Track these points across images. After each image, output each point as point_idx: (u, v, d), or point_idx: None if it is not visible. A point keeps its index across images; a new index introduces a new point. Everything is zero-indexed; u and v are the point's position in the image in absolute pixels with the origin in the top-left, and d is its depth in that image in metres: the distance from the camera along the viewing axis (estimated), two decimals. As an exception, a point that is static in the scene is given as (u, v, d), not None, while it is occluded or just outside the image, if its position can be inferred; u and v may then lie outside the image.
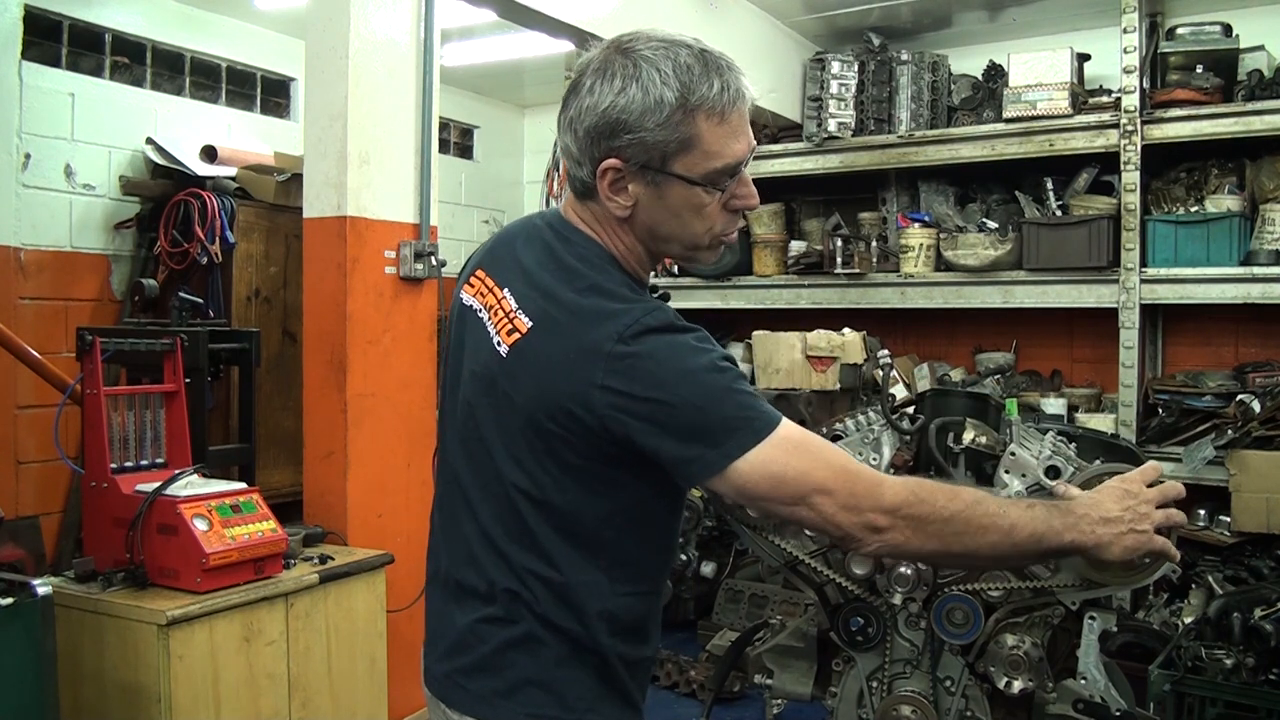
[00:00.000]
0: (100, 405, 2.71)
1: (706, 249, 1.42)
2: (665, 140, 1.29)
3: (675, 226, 1.37)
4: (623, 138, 1.30)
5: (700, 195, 1.34)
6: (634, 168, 1.32)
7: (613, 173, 1.32)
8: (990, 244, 4.58)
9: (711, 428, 1.28)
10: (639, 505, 1.40)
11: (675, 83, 1.29)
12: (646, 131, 1.29)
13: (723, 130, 1.32)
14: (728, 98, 1.31)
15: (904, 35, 5.11)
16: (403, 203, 3.43)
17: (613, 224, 1.39)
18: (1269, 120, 4.03)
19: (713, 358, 1.30)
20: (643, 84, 1.29)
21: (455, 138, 6.48)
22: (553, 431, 1.32)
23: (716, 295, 5.38)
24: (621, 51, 1.32)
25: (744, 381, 1.33)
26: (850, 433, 2.27)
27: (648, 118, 1.29)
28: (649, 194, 1.34)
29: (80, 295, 4.27)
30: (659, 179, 1.32)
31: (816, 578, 2.23)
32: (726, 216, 1.39)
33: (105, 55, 4.46)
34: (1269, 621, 3.01)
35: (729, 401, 1.29)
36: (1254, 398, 4.08)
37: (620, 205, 1.35)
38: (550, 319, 1.34)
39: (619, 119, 1.29)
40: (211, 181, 4.28)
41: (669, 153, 1.30)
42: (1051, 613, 2.09)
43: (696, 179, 1.32)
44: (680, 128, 1.29)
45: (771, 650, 2.35)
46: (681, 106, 1.29)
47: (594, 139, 1.32)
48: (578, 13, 3.67)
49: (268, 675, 2.73)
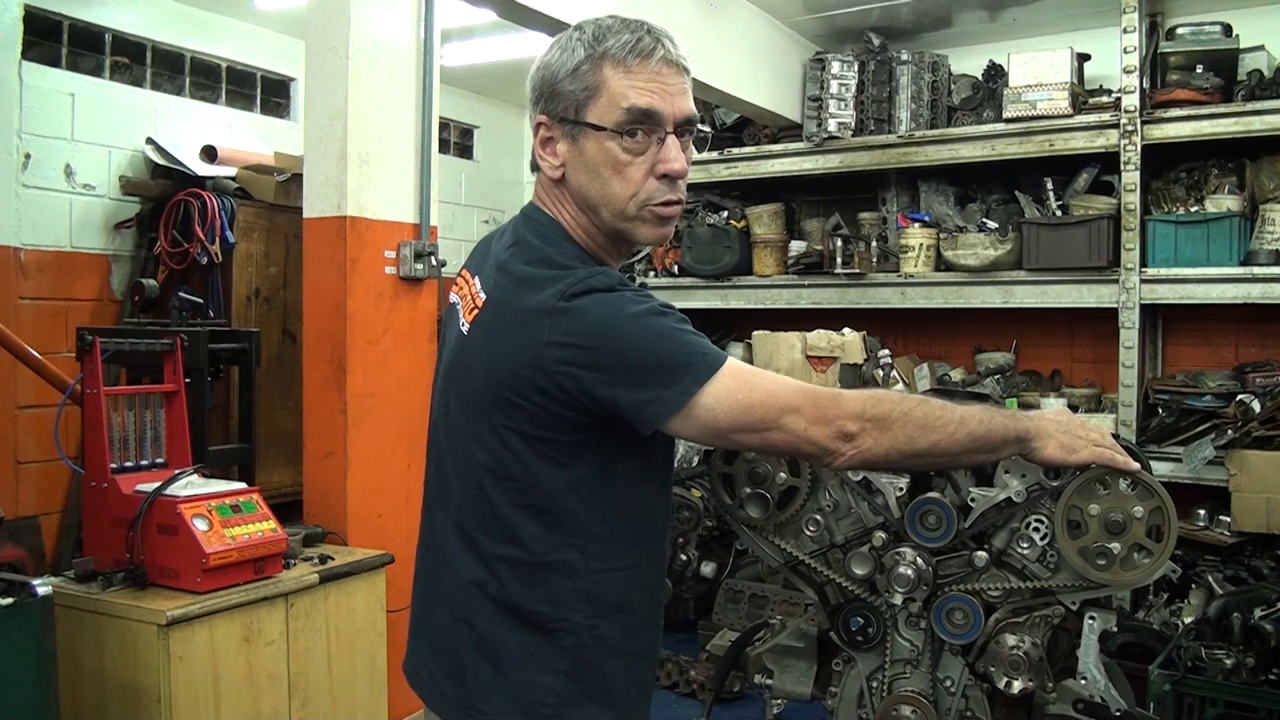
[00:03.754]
0: (100, 405, 2.71)
1: (636, 219, 1.40)
2: (575, 90, 1.37)
3: (597, 186, 1.39)
4: (547, 93, 1.40)
5: (614, 149, 1.37)
6: (555, 122, 1.39)
7: (542, 129, 1.41)
8: (990, 244, 4.58)
9: (664, 367, 1.30)
10: (603, 472, 1.38)
11: (588, 37, 1.38)
12: (561, 83, 1.38)
13: (629, 80, 1.36)
14: (638, 49, 1.36)
15: (904, 35, 5.11)
16: (403, 203, 3.43)
17: (556, 194, 1.45)
18: (1269, 120, 4.03)
19: (653, 304, 1.33)
20: (563, 44, 1.40)
21: (455, 138, 6.48)
22: (510, 401, 1.34)
23: (716, 295, 5.38)
24: (573, 26, 1.43)
25: (687, 325, 1.35)
26: (850, 433, 2.26)
27: (563, 70, 1.38)
28: (572, 151, 1.39)
29: (80, 295, 4.27)
30: (576, 131, 1.38)
31: (816, 578, 2.23)
32: (654, 184, 1.39)
33: (105, 55, 4.46)
34: (1269, 621, 3.00)
35: (676, 340, 1.32)
36: (1254, 398, 4.08)
37: (551, 165, 1.41)
38: (501, 289, 1.39)
39: (543, 78, 1.40)
40: (211, 181, 4.28)
41: (580, 101, 1.37)
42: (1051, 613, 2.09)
43: (606, 125, 1.36)
44: (587, 76, 1.37)
45: (771, 650, 2.35)
46: (589, 57, 1.37)
47: (534, 104, 1.43)
48: (578, 13, 3.67)
49: (268, 675, 2.73)
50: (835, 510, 2.22)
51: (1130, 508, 1.92)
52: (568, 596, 1.38)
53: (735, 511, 2.22)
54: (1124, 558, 1.92)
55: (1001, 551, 2.09)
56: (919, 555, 2.10)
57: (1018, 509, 2.07)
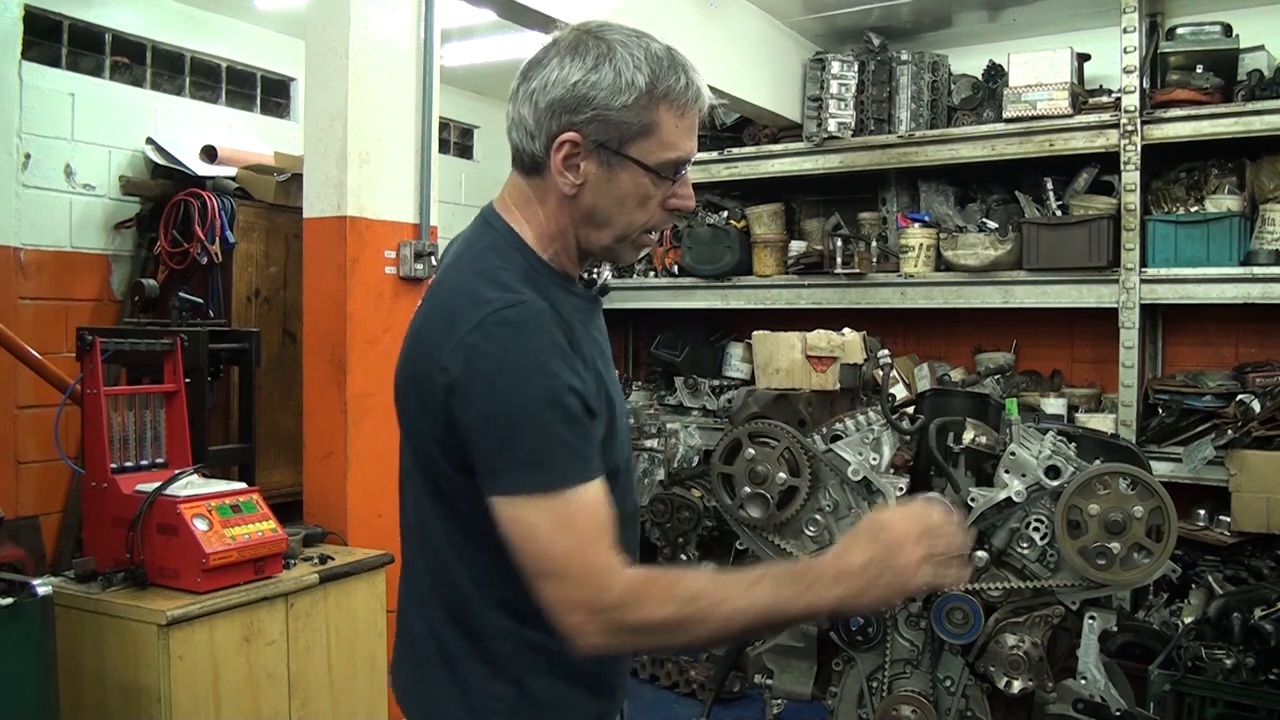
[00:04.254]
0: (100, 405, 2.71)
1: (631, 244, 1.42)
2: (628, 122, 1.32)
3: (617, 213, 1.37)
4: (586, 113, 1.32)
5: (649, 184, 1.36)
6: (591, 145, 1.33)
7: (569, 146, 1.33)
8: (990, 244, 4.58)
9: (506, 450, 1.24)
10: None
11: (647, 69, 1.32)
12: (613, 111, 1.31)
13: (682, 124, 1.35)
14: (690, 94, 1.35)
15: (904, 35, 5.11)
16: (403, 203, 3.43)
17: (552, 202, 1.39)
18: (1269, 120, 4.03)
19: (555, 385, 1.25)
20: (615, 65, 1.31)
21: (455, 138, 6.48)
22: (422, 405, 1.34)
23: (716, 295, 5.38)
24: (593, 34, 1.35)
25: (578, 426, 1.26)
26: (850, 432, 2.27)
27: (616, 97, 1.31)
28: (600, 174, 1.35)
29: (80, 295, 4.27)
30: (614, 160, 1.34)
31: (816, 578, 2.23)
32: (663, 214, 1.41)
33: (105, 55, 4.45)
34: (1269, 621, 3.01)
35: (538, 435, 1.24)
36: (1254, 398, 4.07)
37: (570, 182, 1.35)
38: (433, 299, 1.38)
39: (587, 94, 1.31)
40: (211, 181, 4.28)
41: (628, 136, 1.33)
42: (1051, 612, 2.09)
43: (650, 165, 1.35)
44: (645, 113, 1.32)
45: (772, 650, 2.35)
46: (650, 92, 1.32)
47: (555, 112, 1.33)
48: (578, 13, 3.67)
49: (268, 675, 2.73)
50: (835, 510, 2.22)
51: (1130, 508, 1.92)
52: (488, 605, 1.37)
53: (735, 512, 2.22)
54: (1124, 557, 1.93)
55: (1002, 551, 2.10)
56: (919, 555, 2.10)
57: (1018, 509, 2.07)
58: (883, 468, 2.22)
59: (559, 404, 1.25)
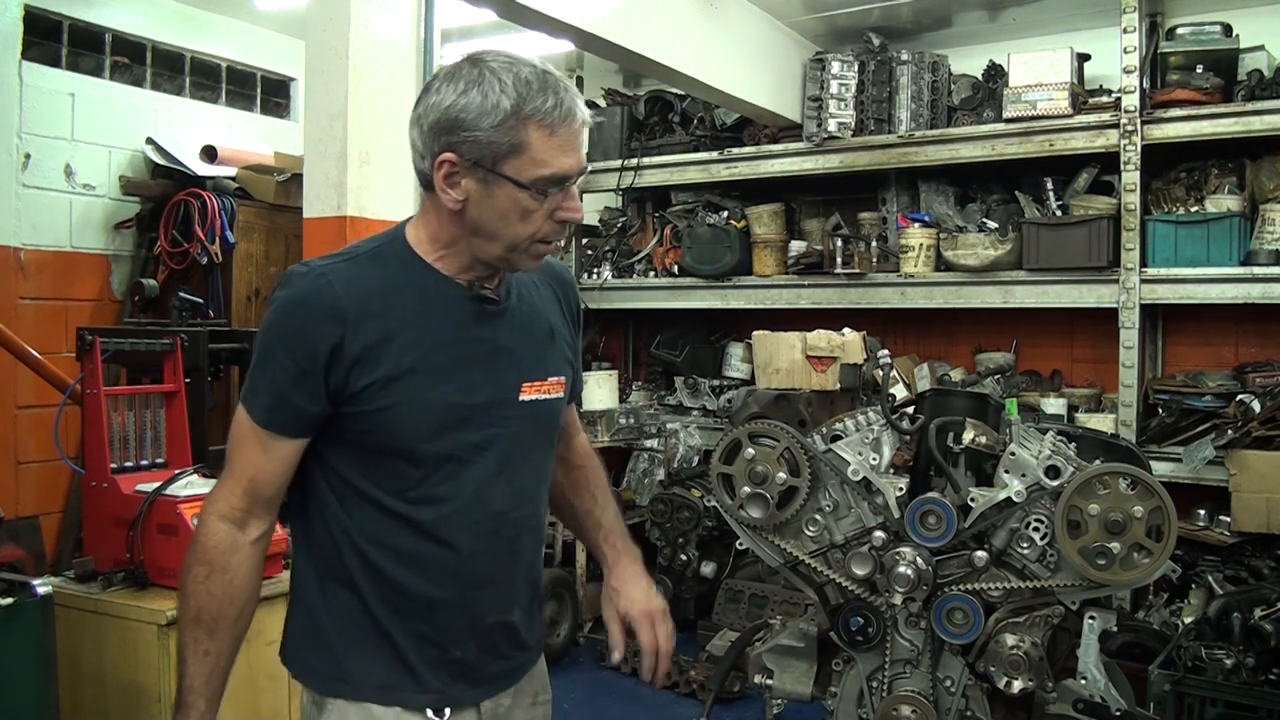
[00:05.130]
0: (100, 405, 2.71)
1: (525, 254, 1.51)
2: (497, 142, 1.41)
3: (500, 226, 1.47)
4: (459, 134, 1.42)
5: (526, 199, 1.45)
6: (467, 164, 1.43)
7: (448, 166, 1.44)
8: (990, 244, 4.58)
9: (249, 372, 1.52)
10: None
11: (513, 92, 1.41)
12: (481, 132, 1.41)
13: (552, 143, 1.43)
14: (559, 114, 1.43)
15: (904, 35, 5.11)
16: (403, 203, 3.43)
17: (443, 215, 1.50)
18: (1269, 120, 4.02)
19: (267, 322, 1.49)
20: (483, 89, 1.42)
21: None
22: None
23: (716, 295, 5.38)
24: (471, 61, 1.46)
25: (273, 358, 1.47)
26: (850, 432, 2.27)
27: (484, 119, 1.41)
28: (479, 191, 1.45)
29: (80, 295, 4.27)
30: (489, 178, 1.44)
31: (816, 578, 2.23)
32: (552, 226, 1.50)
33: (105, 55, 4.46)
34: (1269, 621, 3.01)
35: (255, 363, 1.50)
36: (1254, 398, 4.07)
37: (452, 199, 1.46)
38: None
39: (458, 117, 1.42)
40: (211, 181, 4.28)
41: (500, 154, 1.42)
42: (1051, 612, 2.09)
43: (524, 183, 1.43)
44: (513, 133, 1.41)
45: (771, 650, 2.34)
46: (515, 114, 1.41)
47: (435, 134, 1.44)
48: (578, 13, 3.67)
49: (267, 675, 2.72)
50: (835, 510, 2.22)
51: (1130, 508, 1.92)
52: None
53: (736, 512, 2.22)
54: (1124, 557, 1.92)
55: (1001, 551, 2.09)
56: (919, 555, 2.10)
57: (1017, 509, 2.07)
58: (883, 468, 2.21)
59: (266, 340, 1.48)
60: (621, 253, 5.80)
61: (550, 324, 1.67)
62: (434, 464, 1.50)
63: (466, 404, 1.52)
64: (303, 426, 1.48)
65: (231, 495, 1.49)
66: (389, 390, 1.46)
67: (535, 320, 1.64)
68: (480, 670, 1.59)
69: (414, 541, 1.51)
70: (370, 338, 1.45)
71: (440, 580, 1.53)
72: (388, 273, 1.51)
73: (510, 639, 1.63)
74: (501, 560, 1.59)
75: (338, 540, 1.52)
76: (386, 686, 1.53)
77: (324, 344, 1.44)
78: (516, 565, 1.62)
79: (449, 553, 1.53)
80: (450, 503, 1.52)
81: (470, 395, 1.52)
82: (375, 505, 1.51)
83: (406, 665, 1.53)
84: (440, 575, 1.53)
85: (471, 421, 1.52)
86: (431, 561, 1.52)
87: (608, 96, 5.88)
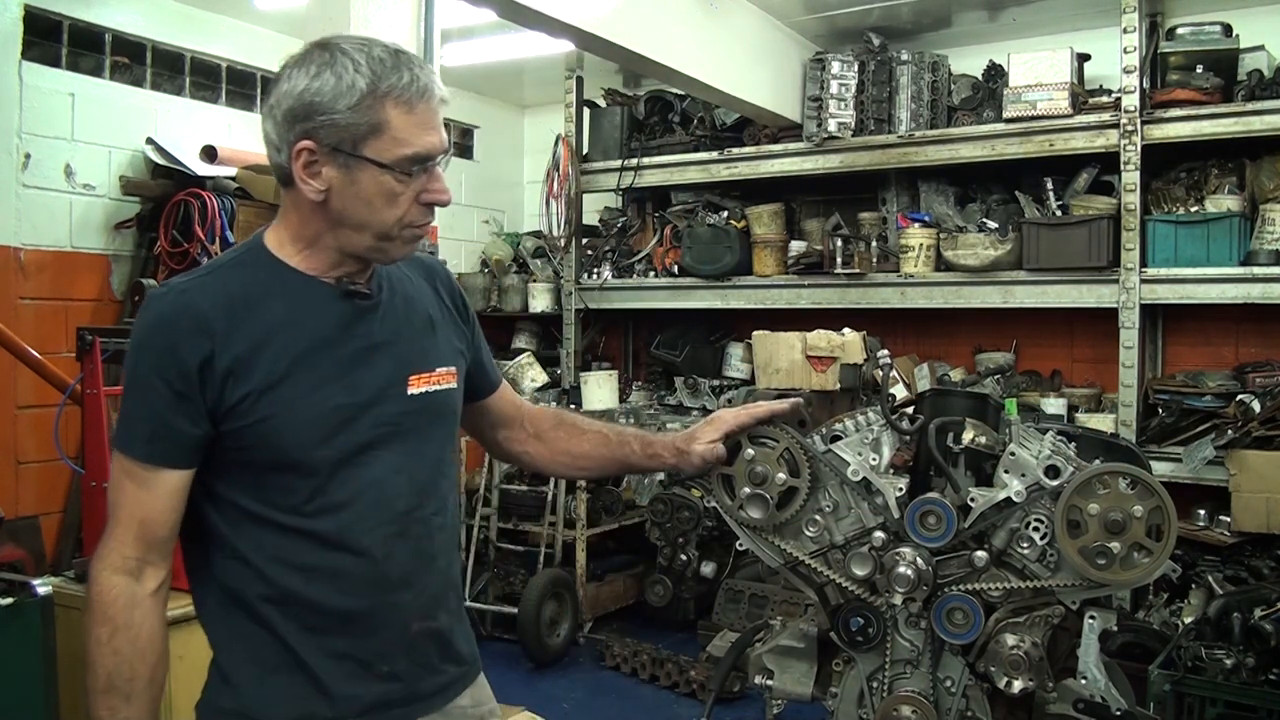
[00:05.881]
0: (100, 405, 2.71)
1: (397, 240, 1.46)
2: (356, 123, 1.37)
3: (367, 213, 1.42)
4: (316, 119, 1.37)
5: (391, 182, 1.40)
6: (326, 150, 1.39)
7: (306, 154, 1.39)
8: (990, 244, 4.58)
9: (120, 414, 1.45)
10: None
11: (367, 71, 1.37)
12: (338, 114, 1.37)
13: (411, 120, 1.39)
14: (416, 90, 1.39)
15: (904, 35, 5.11)
16: (403, 203, 3.43)
17: (305, 209, 1.45)
18: (1269, 120, 4.03)
19: (133, 351, 1.41)
20: (336, 70, 1.37)
21: (455, 138, 6.48)
22: None
23: (716, 295, 5.38)
24: (321, 46, 1.41)
25: (145, 386, 1.39)
26: (849, 433, 2.26)
27: (339, 100, 1.37)
28: (342, 178, 1.40)
29: (80, 295, 4.27)
30: (351, 163, 1.39)
31: (816, 578, 2.23)
32: (419, 209, 1.45)
33: (105, 55, 4.46)
34: (1269, 621, 3.01)
35: (125, 397, 1.42)
36: (1254, 398, 4.08)
37: (314, 189, 1.41)
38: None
39: (312, 101, 1.37)
40: (211, 181, 4.28)
41: (359, 136, 1.38)
42: (1051, 612, 2.09)
43: (387, 163, 1.39)
44: (370, 112, 1.37)
45: (772, 651, 2.34)
46: (372, 93, 1.37)
47: (290, 122, 1.39)
48: (578, 13, 3.67)
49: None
50: (835, 511, 2.22)
51: (1130, 507, 1.92)
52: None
53: (735, 513, 2.22)
54: (1124, 557, 1.92)
55: (1001, 551, 2.09)
56: (919, 555, 2.10)
57: (1017, 509, 2.07)
58: (882, 468, 2.21)
59: (131, 372, 1.41)
60: (621, 253, 5.80)
61: (429, 315, 1.61)
62: (327, 471, 1.43)
63: (351, 404, 1.45)
64: (186, 454, 1.40)
65: (122, 545, 1.39)
66: (266, 400, 1.39)
67: (412, 313, 1.57)
68: (413, 687, 1.52)
69: (320, 555, 1.44)
70: (240, 348, 1.39)
71: (354, 590, 1.46)
72: (251, 280, 1.44)
73: (440, 649, 1.57)
74: (415, 562, 1.52)
75: (237, 571, 1.44)
76: (300, 718, 1.45)
77: (194, 359, 1.36)
78: (431, 566, 1.55)
79: (358, 560, 1.45)
80: (351, 508, 1.45)
81: (354, 394, 1.46)
82: (272, 525, 1.43)
83: (324, 692, 1.45)
84: (353, 585, 1.46)
85: (359, 421, 1.46)
86: (342, 572, 1.45)
87: (608, 96, 5.88)
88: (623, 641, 4.59)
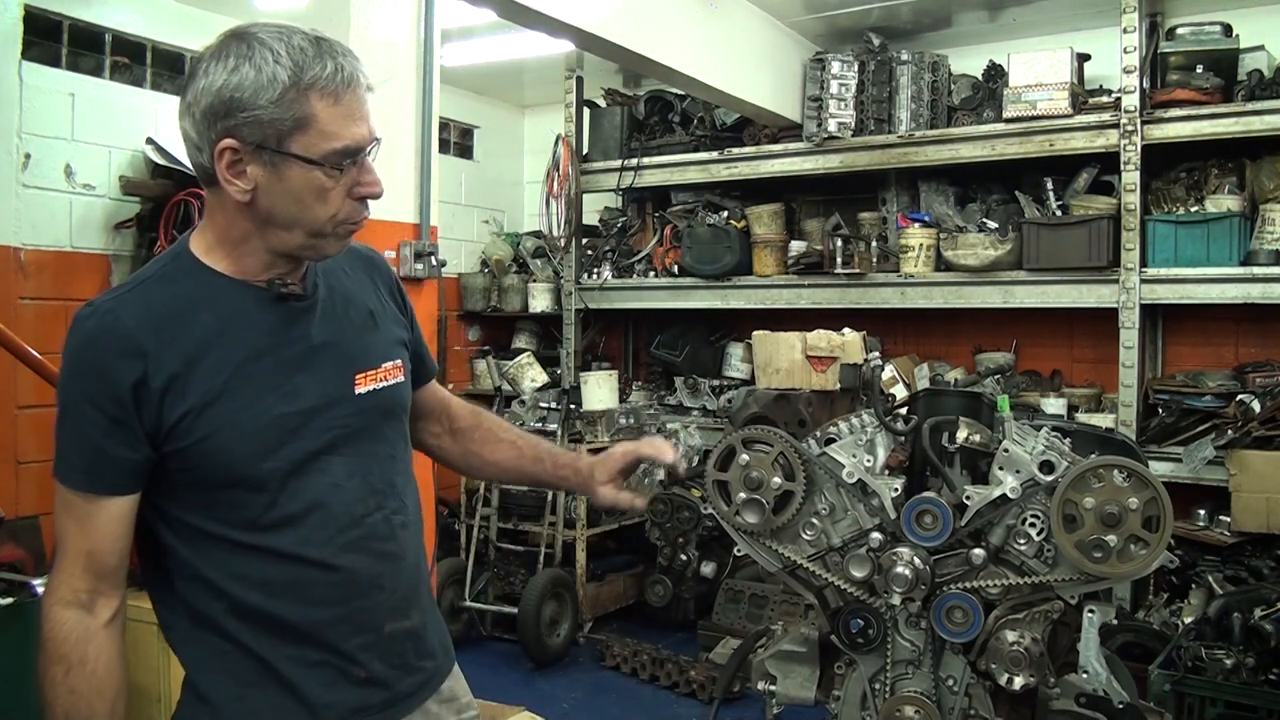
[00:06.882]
0: (100, 405, 2.71)
1: (330, 236, 1.40)
2: (280, 118, 1.30)
3: (297, 211, 1.35)
4: (237, 116, 1.29)
5: (320, 177, 1.34)
6: (250, 148, 1.31)
7: (230, 153, 1.31)
8: (990, 244, 4.58)
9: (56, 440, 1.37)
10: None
11: (289, 61, 1.30)
12: (261, 109, 1.29)
13: (338, 111, 1.33)
14: (341, 79, 1.33)
15: (904, 35, 5.11)
16: (403, 203, 3.43)
17: (230, 210, 1.37)
18: (1269, 120, 4.02)
19: (63, 377, 1.34)
20: (255, 63, 1.30)
21: (455, 138, 6.48)
22: None
23: (716, 295, 5.38)
24: (237, 36, 1.34)
25: (78, 413, 1.33)
26: (844, 435, 2.27)
27: (261, 95, 1.29)
28: (268, 176, 1.32)
29: (80, 295, 4.26)
30: (277, 160, 1.32)
31: (815, 581, 2.23)
32: (352, 204, 1.39)
33: (105, 55, 4.46)
34: (1269, 621, 3.01)
35: (59, 426, 1.36)
36: (1254, 398, 4.07)
37: (240, 189, 1.33)
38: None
39: (232, 97, 1.29)
40: (211, 182, 4.27)
41: (284, 132, 1.31)
42: (1051, 607, 2.09)
43: (315, 159, 1.32)
44: (294, 106, 1.30)
45: (774, 656, 2.34)
46: (295, 85, 1.30)
47: (210, 120, 1.31)
48: (578, 13, 3.67)
49: None
50: (831, 513, 2.22)
51: (1125, 499, 1.92)
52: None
53: (732, 518, 2.22)
54: (1120, 549, 1.93)
55: (999, 548, 2.09)
56: (916, 555, 2.10)
57: (1013, 505, 2.07)
58: (877, 469, 2.22)
59: (63, 400, 1.34)
60: (621, 253, 5.80)
61: (369, 309, 1.55)
62: (277, 483, 1.38)
63: (296, 411, 1.39)
64: (128, 480, 1.34)
65: (71, 577, 1.34)
66: (206, 417, 1.33)
67: (351, 308, 1.52)
68: (392, 688, 1.49)
69: (281, 569, 1.39)
70: (174, 365, 1.32)
71: (322, 600, 1.42)
72: (179, 292, 1.37)
73: (415, 647, 1.54)
74: (382, 564, 1.48)
75: (200, 591, 1.39)
76: None
77: (126, 382, 1.30)
78: (400, 566, 1.51)
79: (322, 571, 1.41)
80: (307, 519, 1.40)
81: (297, 401, 1.40)
82: (229, 544, 1.38)
83: (303, 702, 1.41)
84: (320, 595, 1.42)
85: (307, 429, 1.40)
86: (307, 585, 1.41)
87: (608, 96, 5.88)
88: (623, 641, 4.59)
